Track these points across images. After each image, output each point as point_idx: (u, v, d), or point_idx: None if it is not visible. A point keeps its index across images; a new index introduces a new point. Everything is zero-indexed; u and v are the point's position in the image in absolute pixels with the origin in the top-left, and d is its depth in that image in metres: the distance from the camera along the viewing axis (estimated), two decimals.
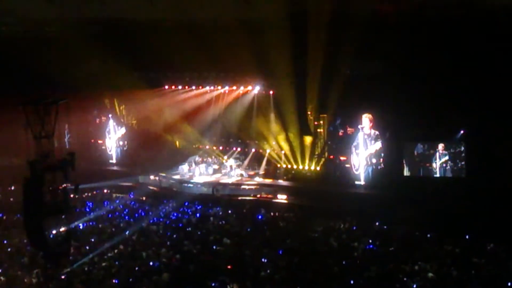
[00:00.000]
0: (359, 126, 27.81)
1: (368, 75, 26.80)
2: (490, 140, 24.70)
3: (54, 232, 18.98)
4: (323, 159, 30.15)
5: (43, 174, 18.36)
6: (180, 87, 33.31)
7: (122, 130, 35.97)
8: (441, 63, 24.24)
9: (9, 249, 20.70)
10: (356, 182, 28.19)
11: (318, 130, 30.13)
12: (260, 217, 25.25)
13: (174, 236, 22.14)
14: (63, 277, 18.15)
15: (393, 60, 25.54)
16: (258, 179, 31.12)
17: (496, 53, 23.45)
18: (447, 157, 26.05)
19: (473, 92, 24.18)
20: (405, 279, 17.26)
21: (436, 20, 24.19)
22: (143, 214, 25.85)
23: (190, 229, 23.16)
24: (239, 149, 33.52)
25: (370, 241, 20.92)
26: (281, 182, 30.44)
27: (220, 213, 26.09)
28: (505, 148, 24.12)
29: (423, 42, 24.58)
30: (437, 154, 26.23)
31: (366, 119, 27.57)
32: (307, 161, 30.43)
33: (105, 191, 30.59)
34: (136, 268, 18.55)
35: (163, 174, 32.68)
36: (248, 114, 32.26)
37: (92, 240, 21.60)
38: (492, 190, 23.62)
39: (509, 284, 16.71)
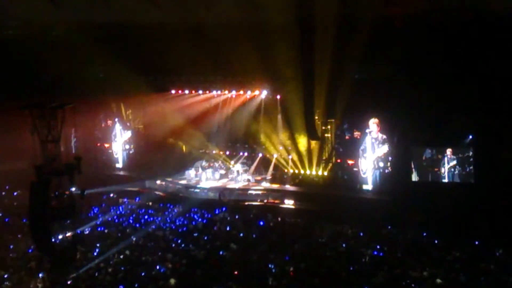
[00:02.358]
0: (367, 130, 27.68)
1: (375, 79, 26.79)
2: (498, 145, 24.60)
3: (60, 237, 18.98)
4: (330, 164, 30.02)
5: (50, 179, 18.35)
6: (186, 91, 33.22)
7: (128, 134, 35.88)
8: (449, 67, 24.16)
9: (15, 254, 20.64)
10: (364, 186, 28.05)
11: (326, 134, 30.00)
12: (267, 222, 25.11)
13: (181, 241, 22.06)
14: (69, 282, 18.11)
15: (401, 64, 25.49)
16: (265, 184, 30.93)
17: (505, 57, 23.33)
18: (455, 162, 25.92)
19: (482, 96, 24.11)
20: (413, 285, 17.17)
21: (444, 24, 24.11)
22: (149, 219, 25.75)
23: (196, 234, 23.07)
24: (246, 154, 33.37)
25: (378, 246, 20.79)
26: (288, 187, 30.30)
27: (227, 218, 25.97)
28: None
29: (431, 46, 24.52)
30: (446, 159, 26.11)
31: (373, 124, 27.43)
32: (314, 165, 30.31)
33: (111, 195, 30.49)
34: (143, 274, 18.49)
35: (170, 179, 32.58)
36: (255, 119, 32.21)
37: (98, 245, 21.53)
38: (500, 195, 23.50)
39: None
